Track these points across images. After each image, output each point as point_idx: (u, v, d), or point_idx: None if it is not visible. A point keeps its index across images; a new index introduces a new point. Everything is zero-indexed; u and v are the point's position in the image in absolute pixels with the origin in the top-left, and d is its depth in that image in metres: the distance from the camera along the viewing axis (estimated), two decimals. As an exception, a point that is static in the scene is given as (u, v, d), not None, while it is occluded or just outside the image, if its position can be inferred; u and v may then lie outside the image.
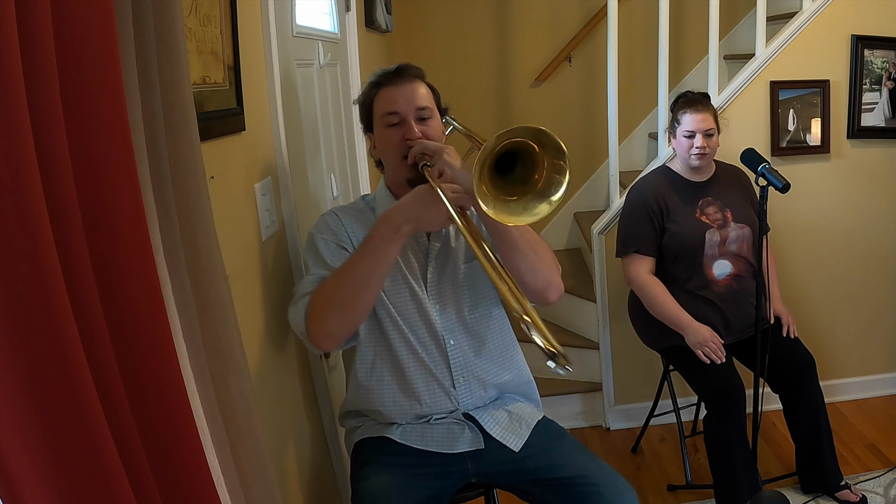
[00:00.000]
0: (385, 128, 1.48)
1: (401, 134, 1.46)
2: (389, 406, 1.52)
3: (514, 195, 1.21)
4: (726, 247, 2.23)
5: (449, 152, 1.38)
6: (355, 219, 1.54)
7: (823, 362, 2.42)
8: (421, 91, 1.49)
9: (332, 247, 1.48)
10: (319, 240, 1.49)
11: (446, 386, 1.51)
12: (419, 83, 1.50)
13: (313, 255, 1.49)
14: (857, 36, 2.63)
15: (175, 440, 0.80)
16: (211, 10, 1.24)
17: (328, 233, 1.50)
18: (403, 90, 1.47)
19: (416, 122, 1.46)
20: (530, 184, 1.22)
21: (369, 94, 1.53)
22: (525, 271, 1.40)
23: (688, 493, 2.42)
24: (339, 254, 1.47)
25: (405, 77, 1.49)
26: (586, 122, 3.49)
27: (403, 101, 1.46)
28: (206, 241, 0.95)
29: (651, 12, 2.87)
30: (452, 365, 1.51)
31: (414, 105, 1.46)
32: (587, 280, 3.05)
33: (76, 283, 0.67)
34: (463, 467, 1.51)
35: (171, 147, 0.89)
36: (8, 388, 0.61)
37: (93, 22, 0.70)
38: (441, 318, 1.51)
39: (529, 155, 1.21)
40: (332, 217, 1.54)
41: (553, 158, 1.19)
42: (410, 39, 3.42)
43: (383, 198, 1.55)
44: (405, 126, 1.46)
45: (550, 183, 1.20)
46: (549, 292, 1.45)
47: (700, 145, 2.19)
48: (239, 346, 1.01)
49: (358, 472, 1.52)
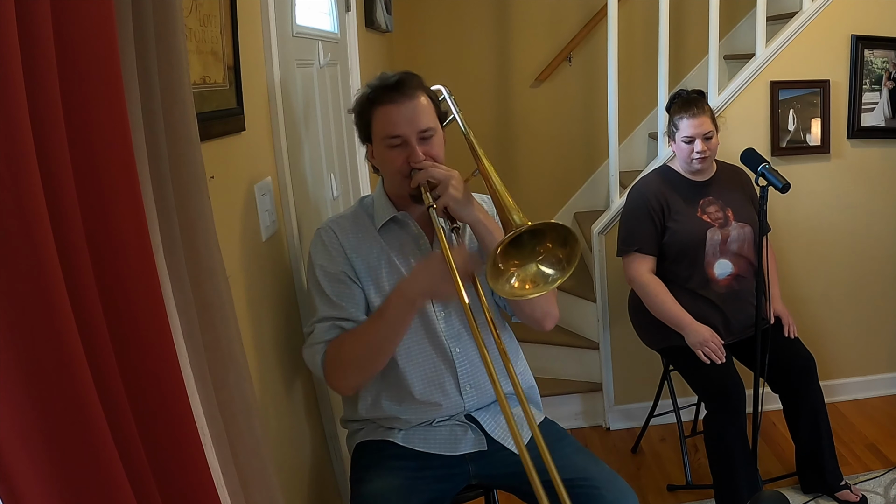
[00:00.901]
0: (387, 148, 1.44)
1: (404, 156, 1.42)
2: (396, 414, 1.51)
3: (517, 260, 1.24)
4: (727, 246, 2.23)
5: (454, 183, 1.37)
6: (351, 229, 1.52)
7: (823, 362, 2.42)
8: (422, 109, 1.44)
9: (332, 280, 1.47)
10: (319, 270, 1.48)
11: (452, 393, 1.51)
12: (419, 97, 1.44)
13: (317, 291, 1.48)
14: (857, 36, 2.63)
15: (175, 440, 0.80)
16: (211, 10, 1.24)
17: (325, 257, 1.49)
18: (405, 110, 1.42)
19: (419, 142, 1.42)
20: (534, 255, 1.24)
21: (367, 108, 1.47)
22: (524, 303, 1.46)
23: (688, 493, 2.42)
24: (339, 287, 1.46)
25: (406, 93, 1.42)
26: (586, 122, 3.49)
27: (405, 123, 1.42)
28: (206, 241, 0.95)
29: (651, 12, 2.87)
30: (459, 372, 1.51)
31: (417, 128, 1.42)
32: (587, 280, 3.05)
33: (76, 282, 0.67)
34: (464, 469, 1.51)
35: (171, 147, 0.89)
36: (8, 388, 0.61)
37: (93, 22, 0.70)
38: (446, 327, 1.52)
39: (542, 235, 1.23)
40: (328, 233, 1.51)
41: (562, 250, 1.23)
42: (410, 39, 3.42)
43: (382, 205, 1.53)
44: (408, 148, 1.42)
45: (553, 262, 1.24)
46: (545, 322, 1.52)
47: (700, 150, 2.19)
48: (239, 346, 1.01)
49: (358, 474, 1.52)
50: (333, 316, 1.46)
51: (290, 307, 1.65)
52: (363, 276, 1.49)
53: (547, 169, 3.59)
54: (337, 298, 1.46)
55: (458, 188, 1.37)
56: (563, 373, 2.99)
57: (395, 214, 1.51)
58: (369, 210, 1.56)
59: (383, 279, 1.49)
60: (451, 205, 1.36)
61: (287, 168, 1.63)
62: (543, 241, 1.23)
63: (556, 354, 2.98)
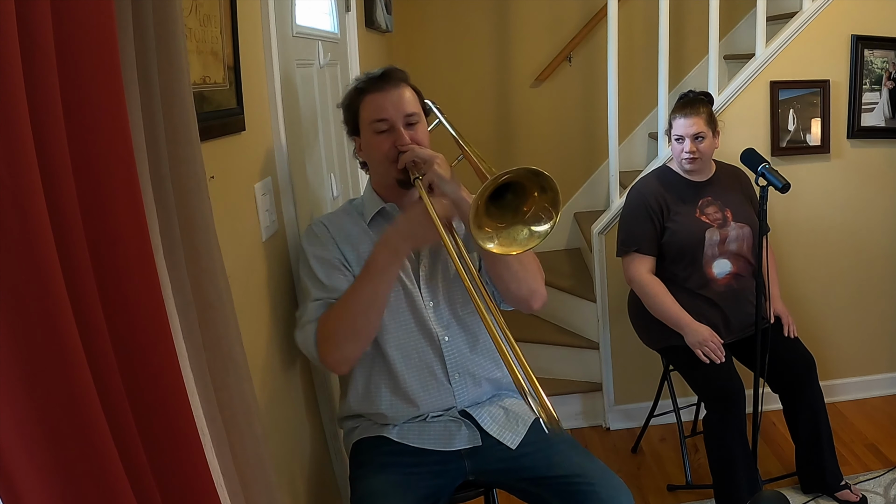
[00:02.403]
0: (373, 134, 1.50)
1: (390, 140, 1.48)
2: (387, 407, 1.52)
3: (504, 222, 1.23)
4: (726, 246, 2.23)
5: (439, 162, 1.41)
6: (341, 221, 1.57)
7: (823, 362, 2.42)
8: (407, 96, 1.51)
9: (324, 265, 1.50)
10: (312, 258, 1.51)
11: (442, 381, 1.52)
12: (405, 87, 1.52)
13: (310, 277, 1.50)
14: (857, 36, 2.63)
15: (175, 440, 0.80)
16: (211, 10, 1.24)
17: (317, 245, 1.52)
18: (391, 96, 1.49)
19: (405, 127, 1.48)
20: (520, 213, 1.24)
21: (355, 99, 1.54)
22: (510, 280, 1.47)
23: (688, 493, 2.42)
24: (332, 271, 1.49)
25: (391, 82, 1.50)
26: (586, 122, 3.49)
27: (392, 107, 1.48)
28: (206, 241, 0.95)
29: (651, 12, 2.87)
30: (447, 361, 1.53)
31: (402, 112, 1.48)
32: (587, 280, 3.05)
33: (76, 283, 0.67)
34: (460, 465, 1.51)
35: (171, 147, 0.89)
36: (8, 389, 0.61)
37: (93, 22, 0.70)
38: (435, 315, 1.54)
39: (523, 187, 1.23)
40: (319, 226, 1.56)
41: (544, 199, 1.22)
42: (410, 39, 3.42)
43: (370, 199, 1.58)
44: (394, 133, 1.48)
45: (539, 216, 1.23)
46: (533, 300, 1.52)
47: (689, 150, 2.20)
48: (239, 346, 1.01)
49: (356, 472, 1.53)
50: (325, 297, 1.47)
51: (290, 307, 1.65)
52: (354, 264, 1.51)
53: (547, 169, 3.54)
54: (328, 281, 1.48)
55: (443, 166, 1.41)
56: (563, 373, 2.99)
57: (384, 206, 1.55)
58: (359, 208, 1.61)
59: None
60: (436, 181, 1.39)
61: (287, 168, 1.64)
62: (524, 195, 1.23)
63: (556, 354, 2.98)
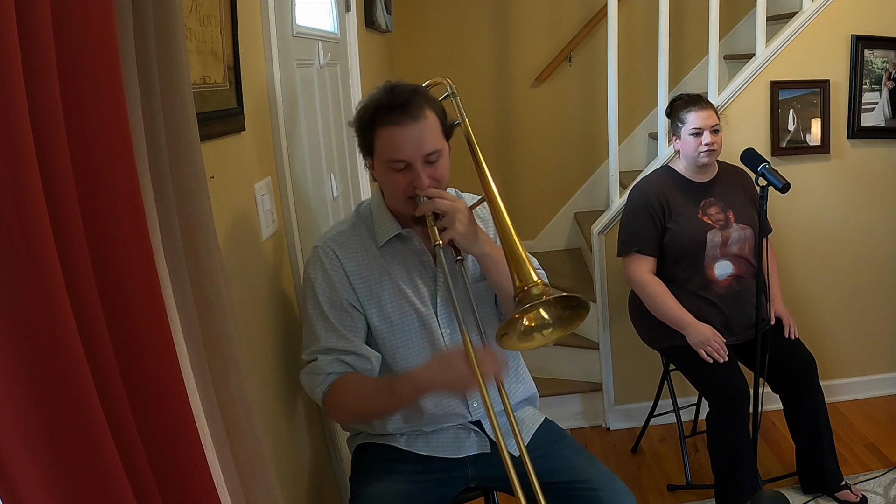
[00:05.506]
0: (390, 170, 1.38)
1: (408, 179, 1.37)
2: (396, 428, 1.51)
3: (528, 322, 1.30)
4: (728, 247, 2.23)
5: (460, 217, 1.35)
6: (351, 246, 1.48)
7: (824, 362, 2.42)
8: (429, 131, 1.35)
9: (335, 308, 1.44)
10: (322, 296, 1.44)
11: (459, 407, 1.51)
12: (426, 118, 1.35)
13: (320, 319, 1.45)
14: (857, 36, 2.63)
15: (175, 440, 0.80)
16: (211, 10, 1.24)
17: (326, 283, 1.45)
18: (410, 133, 1.33)
19: (424, 166, 1.36)
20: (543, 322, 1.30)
21: (369, 127, 1.38)
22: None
23: (688, 493, 2.42)
24: (343, 316, 1.45)
25: (410, 114, 1.33)
26: (586, 122, 3.49)
27: (411, 147, 1.34)
28: (206, 241, 0.95)
29: (651, 12, 2.87)
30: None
31: (422, 152, 1.35)
32: (587, 280, 3.05)
33: (76, 283, 0.67)
34: (464, 472, 1.51)
35: (171, 147, 0.89)
36: (8, 389, 0.61)
37: (93, 22, 0.70)
38: (451, 343, 1.49)
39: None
40: (328, 254, 1.46)
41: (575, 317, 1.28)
42: (410, 39, 3.42)
43: (384, 219, 1.47)
44: (413, 172, 1.36)
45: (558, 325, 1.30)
46: None
47: (709, 141, 2.19)
48: (239, 346, 1.01)
49: (358, 475, 1.52)
50: (337, 347, 1.43)
51: (290, 307, 1.65)
52: (365, 300, 1.46)
53: (547, 169, 3.59)
54: (340, 326, 1.44)
55: (464, 221, 1.35)
56: (563, 373, 2.99)
57: (400, 232, 1.47)
58: (368, 222, 1.50)
59: (385, 302, 1.46)
60: (458, 239, 1.35)
61: (287, 168, 1.63)
62: (557, 307, 1.28)
63: (556, 354, 2.98)
